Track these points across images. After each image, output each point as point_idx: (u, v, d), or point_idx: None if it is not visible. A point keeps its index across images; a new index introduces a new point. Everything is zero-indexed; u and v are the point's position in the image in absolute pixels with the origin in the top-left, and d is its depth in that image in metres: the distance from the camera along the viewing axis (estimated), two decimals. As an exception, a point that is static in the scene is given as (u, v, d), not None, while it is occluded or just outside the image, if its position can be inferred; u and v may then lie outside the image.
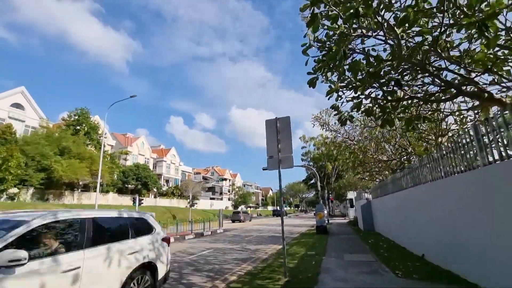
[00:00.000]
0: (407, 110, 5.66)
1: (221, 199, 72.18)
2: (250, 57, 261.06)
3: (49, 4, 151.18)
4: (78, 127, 35.92)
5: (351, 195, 33.66)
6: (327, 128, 13.94)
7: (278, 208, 75.34)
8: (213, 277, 6.98)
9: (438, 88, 5.13)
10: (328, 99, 5.82)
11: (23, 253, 2.68)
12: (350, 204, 34.82)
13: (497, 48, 4.32)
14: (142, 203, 26.14)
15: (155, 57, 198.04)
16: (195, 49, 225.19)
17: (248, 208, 61.30)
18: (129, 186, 41.45)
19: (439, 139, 7.34)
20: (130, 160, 46.41)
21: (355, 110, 5.47)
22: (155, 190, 49.56)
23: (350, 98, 5.80)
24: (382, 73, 5.20)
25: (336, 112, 6.02)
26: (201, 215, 45.86)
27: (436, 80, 5.51)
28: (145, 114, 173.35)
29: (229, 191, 77.62)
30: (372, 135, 10.58)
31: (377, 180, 16.09)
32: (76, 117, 36.28)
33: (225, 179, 77.20)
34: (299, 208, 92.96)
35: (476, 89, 4.81)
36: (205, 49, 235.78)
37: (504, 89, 5.23)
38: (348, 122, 6.05)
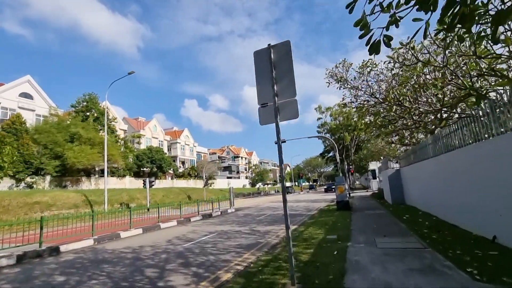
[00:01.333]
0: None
1: (239, 177, 71.55)
2: (260, 31, 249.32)
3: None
4: (88, 113, 35.13)
5: (373, 166, 30.97)
6: (345, 85, 11.29)
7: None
8: (201, 276, 5.17)
9: None
10: (350, 11, 3.39)
11: None
12: (373, 176, 32.22)
13: None
14: (153, 185, 25.15)
15: (164, 40, 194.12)
16: (202, 29, 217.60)
17: (266, 185, 60.18)
18: (145, 169, 41.10)
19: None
20: (144, 144, 45.86)
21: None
22: (171, 172, 49.25)
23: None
24: None
25: (362, 31, 3.55)
26: (217, 195, 45.20)
27: None
28: (160, 99, 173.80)
29: (245, 170, 76.74)
30: (409, 79, 7.75)
31: (408, 144, 13.41)
32: (85, 103, 35.38)
33: (237, 157, 75.87)
34: (318, 183, 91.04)
35: None
36: (212, 28, 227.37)
37: None
38: (376, 60, 3.61)
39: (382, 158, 29.88)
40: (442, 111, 8.44)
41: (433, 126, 10.82)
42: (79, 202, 22.28)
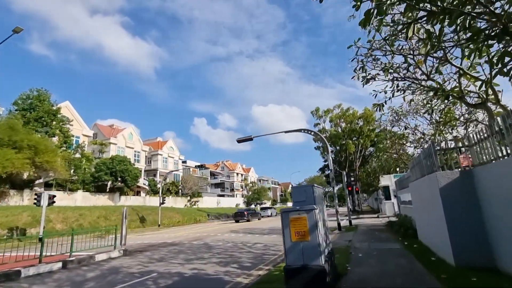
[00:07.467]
0: None
1: (233, 195, 61.75)
2: (268, 53, 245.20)
3: (85, 21, 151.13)
4: (31, 112, 27.56)
5: (386, 181, 20.99)
6: None
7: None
8: None
9: None
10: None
11: None
12: (385, 195, 22.12)
13: None
14: (54, 202, 16.29)
15: (176, 61, 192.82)
16: (212, 50, 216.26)
17: (258, 206, 49.90)
18: (105, 182, 32.51)
19: None
20: (114, 153, 37.63)
21: None
22: (146, 187, 40.52)
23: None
24: None
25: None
26: (186, 215, 35.44)
27: None
28: (171, 117, 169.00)
29: (241, 187, 66.88)
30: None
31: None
32: (30, 101, 28.01)
33: (217, 169, 66.08)
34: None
35: None
36: (222, 49, 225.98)
37: None
38: None
39: (397, 168, 20.02)
40: None
41: None
42: None
